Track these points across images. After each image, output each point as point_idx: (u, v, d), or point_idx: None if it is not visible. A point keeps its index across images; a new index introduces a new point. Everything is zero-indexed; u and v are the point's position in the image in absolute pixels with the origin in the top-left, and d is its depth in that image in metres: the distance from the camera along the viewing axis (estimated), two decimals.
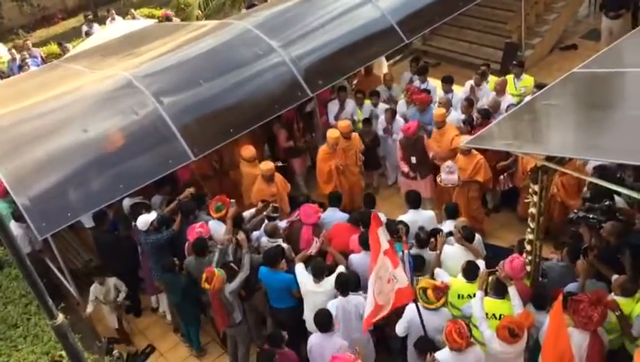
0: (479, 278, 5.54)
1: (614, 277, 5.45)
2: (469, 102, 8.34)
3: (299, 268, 6.13)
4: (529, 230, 5.52)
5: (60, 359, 5.92)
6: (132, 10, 15.91)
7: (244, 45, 8.47)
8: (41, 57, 13.94)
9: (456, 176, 7.49)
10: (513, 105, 7.54)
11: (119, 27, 12.73)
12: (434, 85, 9.45)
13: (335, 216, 7.04)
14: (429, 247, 6.34)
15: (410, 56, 11.90)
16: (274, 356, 5.37)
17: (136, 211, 7.21)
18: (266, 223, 6.83)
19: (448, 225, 6.56)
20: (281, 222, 6.96)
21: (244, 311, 6.42)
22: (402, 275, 5.08)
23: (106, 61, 9.29)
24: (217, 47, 8.57)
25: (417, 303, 5.36)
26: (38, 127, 7.51)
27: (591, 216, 6.25)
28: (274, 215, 6.95)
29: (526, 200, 5.70)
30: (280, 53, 8.33)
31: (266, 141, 9.43)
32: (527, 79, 8.94)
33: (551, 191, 6.69)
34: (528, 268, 5.62)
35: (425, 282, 5.61)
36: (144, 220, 6.88)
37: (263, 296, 6.62)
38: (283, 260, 6.24)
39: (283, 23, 8.96)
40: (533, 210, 5.36)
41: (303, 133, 9.07)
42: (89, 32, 14.69)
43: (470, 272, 5.71)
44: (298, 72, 8.24)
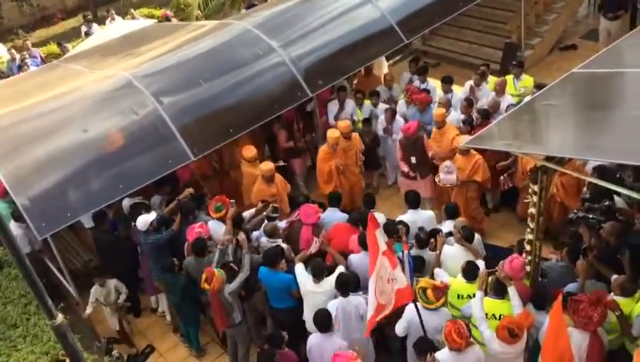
0: (479, 278, 5.54)
1: (614, 277, 5.45)
2: (468, 103, 8.34)
3: (298, 268, 6.13)
4: (528, 230, 5.52)
5: (64, 358, 5.90)
6: (132, 10, 15.91)
7: (244, 45, 8.47)
8: (41, 57, 13.93)
9: (454, 176, 7.49)
10: (513, 106, 7.54)
11: (119, 27, 12.72)
12: (433, 85, 9.45)
13: (335, 216, 7.05)
14: (429, 248, 6.35)
15: (410, 56, 11.90)
16: (274, 356, 5.37)
17: (136, 211, 7.21)
18: (265, 223, 6.83)
19: (448, 226, 6.56)
20: (280, 223, 6.96)
21: (244, 311, 6.42)
22: (401, 276, 5.09)
23: (106, 61, 9.28)
24: (217, 47, 8.57)
25: (416, 304, 5.36)
26: (37, 127, 7.51)
27: (590, 216, 6.26)
28: (274, 215, 6.95)
29: (525, 201, 5.70)
30: (280, 53, 8.33)
31: (266, 141, 9.43)
32: (527, 79, 8.94)
33: (550, 192, 6.69)
34: (528, 268, 5.62)
35: (424, 282, 5.61)
36: (143, 220, 6.88)
37: (263, 296, 6.62)
38: (283, 260, 6.23)
39: (283, 23, 8.95)
40: (532, 210, 5.36)
41: (303, 133, 9.07)
42: (88, 32, 14.68)
43: (470, 272, 5.71)
44: (298, 72, 8.24)
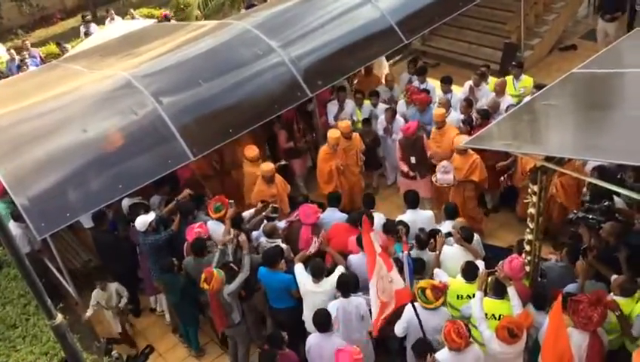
0: (479, 278, 5.54)
1: (613, 278, 5.45)
2: (468, 103, 8.34)
3: (298, 268, 6.12)
4: (528, 230, 5.52)
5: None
6: (131, 10, 15.91)
7: (244, 45, 8.46)
8: (40, 57, 13.94)
9: (451, 175, 7.49)
10: (512, 106, 7.53)
11: (118, 27, 12.72)
12: (433, 85, 9.45)
13: (334, 216, 7.04)
14: (429, 248, 6.35)
15: (409, 56, 11.90)
16: (275, 356, 5.37)
17: (135, 211, 7.21)
18: (264, 223, 6.83)
19: (447, 226, 6.56)
20: (280, 223, 6.96)
21: (244, 311, 6.41)
22: (397, 277, 5.07)
23: (105, 61, 9.27)
24: (217, 47, 8.56)
25: (414, 305, 5.33)
26: (37, 127, 7.50)
27: (590, 217, 6.25)
28: (273, 215, 6.95)
29: (525, 201, 5.70)
30: (279, 54, 8.33)
31: (266, 141, 9.42)
32: (527, 80, 8.94)
33: (550, 192, 6.69)
34: (527, 268, 5.62)
35: (423, 282, 5.61)
36: (142, 221, 6.87)
37: (263, 296, 6.61)
38: (282, 260, 6.23)
39: (282, 23, 8.95)
40: (532, 210, 5.35)
41: (304, 133, 9.07)
42: (88, 33, 14.67)
43: (469, 273, 5.71)
44: (297, 72, 8.23)
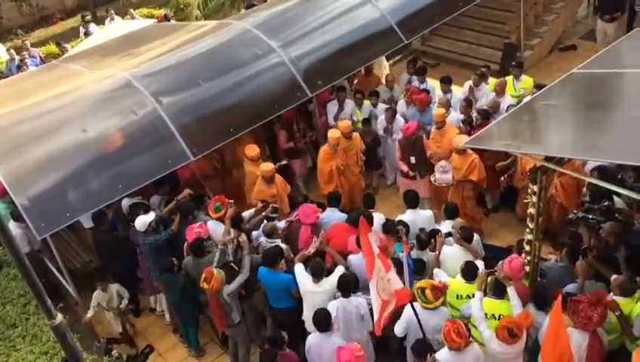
0: (478, 278, 5.54)
1: (613, 277, 5.45)
2: (467, 103, 8.34)
3: (298, 268, 6.12)
4: (528, 230, 5.52)
5: None
6: (131, 10, 15.92)
7: (244, 45, 8.46)
8: (40, 57, 13.94)
9: (450, 175, 7.50)
10: (513, 106, 7.53)
11: (118, 27, 12.72)
12: (433, 85, 9.45)
13: (334, 216, 7.04)
14: (429, 248, 6.35)
15: (409, 56, 11.90)
16: (276, 356, 5.37)
17: (135, 211, 7.21)
18: (264, 223, 6.83)
19: (447, 226, 6.56)
20: (280, 223, 6.96)
21: (244, 311, 6.41)
22: (396, 278, 5.04)
23: (105, 61, 9.27)
24: (217, 47, 8.56)
25: (413, 305, 5.31)
26: (37, 127, 7.50)
27: (590, 217, 6.25)
28: (273, 215, 6.95)
29: (525, 201, 5.70)
30: (279, 54, 8.32)
31: (267, 141, 9.41)
32: (527, 80, 8.93)
33: (550, 192, 6.68)
34: (527, 268, 5.62)
35: (423, 282, 5.61)
36: (142, 221, 6.87)
37: (263, 296, 6.61)
38: (282, 260, 6.23)
39: (282, 23, 8.94)
40: (532, 210, 5.35)
41: (304, 134, 9.06)
42: (88, 33, 14.68)
43: (469, 273, 5.71)
44: (297, 72, 8.23)
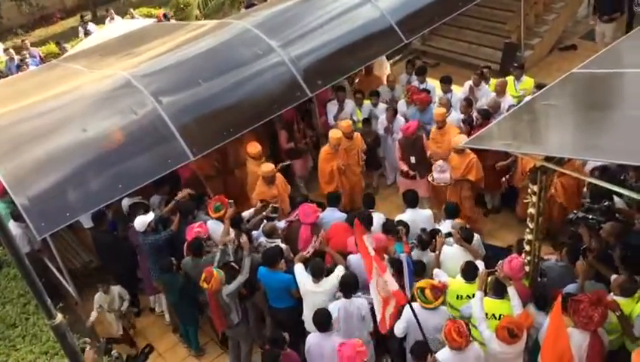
0: (479, 278, 5.54)
1: (613, 278, 5.44)
2: (467, 103, 8.34)
3: (298, 268, 6.12)
4: (528, 230, 5.52)
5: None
6: (131, 9, 15.93)
7: (244, 45, 8.45)
8: (40, 57, 13.95)
9: (447, 174, 7.50)
10: (514, 106, 7.53)
11: (118, 27, 12.71)
12: (433, 85, 9.45)
13: (334, 215, 7.04)
14: (429, 248, 6.34)
15: (409, 56, 11.90)
16: (278, 356, 5.36)
17: (135, 211, 7.20)
18: (264, 223, 6.82)
19: (447, 225, 6.56)
20: (280, 222, 6.96)
21: (245, 310, 6.41)
22: (391, 280, 5.02)
23: (105, 61, 9.26)
24: (216, 46, 8.55)
25: (412, 306, 5.27)
26: (36, 127, 7.49)
27: (590, 217, 6.24)
28: (273, 215, 6.94)
29: (525, 201, 5.69)
30: (279, 53, 8.31)
31: (268, 140, 9.39)
32: (527, 81, 8.91)
33: (550, 193, 6.68)
34: (527, 268, 5.61)
35: (423, 281, 5.60)
36: (141, 221, 6.86)
37: (263, 296, 6.61)
38: (282, 260, 6.23)
39: (282, 23, 8.93)
40: (532, 210, 5.35)
41: (304, 134, 9.05)
42: (88, 32, 14.68)
43: (469, 273, 5.70)
44: (297, 71, 8.22)
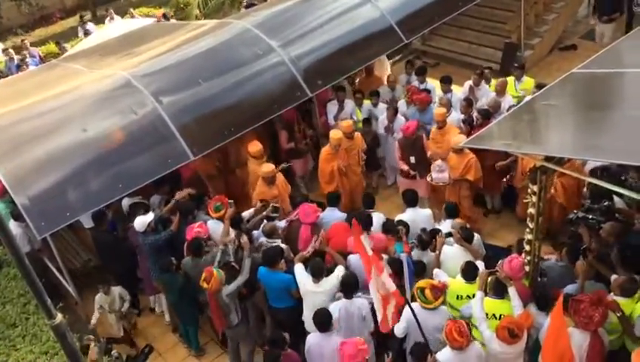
0: (479, 278, 5.54)
1: (613, 278, 5.44)
2: (467, 102, 8.34)
3: (298, 268, 6.12)
4: (528, 230, 5.52)
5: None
6: (131, 9, 15.92)
7: (244, 45, 8.45)
8: (40, 57, 13.94)
9: (446, 174, 7.51)
10: (514, 107, 7.53)
11: (118, 26, 12.71)
12: (433, 85, 9.45)
13: (334, 215, 7.04)
14: (429, 248, 6.34)
15: (409, 55, 11.90)
16: (280, 356, 5.36)
17: (135, 211, 7.20)
18: (264, 223, 6.82)
19: (447, 225, 6.56)
20: (280, 222, 6.96)
21: (245, 310, 6.40)
22: (388, 280, 5.02)
23: (105, 60, 9.27)
24: (216, 46, 8.55)
25: (411, 307, 5.27)
26: (37, 127, 7.49)
27: (590, 217, 6.25)
28: (274, 215, 6.94)
29: (525, 201, 5.69)
30: (279, 53, 8.31)
31: (269, 139, 9.38)
32: (528, 81, 8.90)
33: (550, 193, 6.68)
34: (527, 268, 5.61)
35: (422, 281, 5.60)
36: (141, 222, 6.86)
37: (263, 296, 6.61)
38: (282, 260, 6.23)
39: (282, 23, 8.93)
40: (532, 210, 5.35)
41: (304, 134, 9.04)
42: (88, 32, 14.67)
43: (469, 273, 5.70)
44: (297, 71, 8.21)
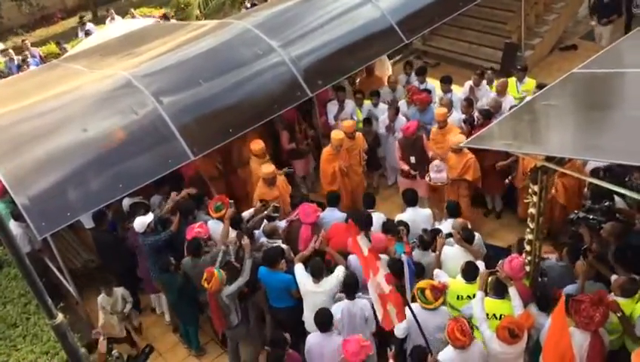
0: (479, 278, 5.54)
1: (614, 278, 5.44)
2: (468, 102, 8.34)
3: (298, 268, 6.12)
4: (528, 230, 5.52)
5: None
6: (132, 9, 15.94)
7: (244, 45, 8.45)
8: (40, 57, 13.95)
9: (444, 174, 7.51)
10: (515, 107, 7.52)
11: (118, 27, 12.72)
12: (433, 85, 9.45)
13: (334, 215, 7.04)
14: (430, 248, 6.34)
15: (410, 56, 11.89)
16: (283, 356, 5.36)
17: (136, 211, 7.20)
18: (265, 223, 6.82)
19: (447, 225, 6.56)
20: (280, 222, 6.96)
21: (245, 310, 6.40)
22: (383, 282, 5.00)
23: (106, 61, 9.27)
24: (217, 46, 8.55)
25: (411, 308, 5.25)
26: (37, 127, 7.49)
27: (591, 217, 6.24)
28: (274, 214, 6.94)
29: (526, 201, 5.69)
30: (280, 53, 8.31)
31: (270, 139, 9.37)
32: (530, 82, 8.90)
33: (551, 193, 6.68)
34: (527, 268, 5.61)
35: (423, 282, 5.60)
36: (141, 222, 6.85)
37: (263, 296, 6.61)
38: (282, 260, 6.23)
39: (283, 23, 8.94)
40: (532, 210, 5.35)
41: (306, 134, 9.05)
42: (89, 32, 14.68)
43: (469, 273, 5.70)
44: (298, 71, 8.21)
